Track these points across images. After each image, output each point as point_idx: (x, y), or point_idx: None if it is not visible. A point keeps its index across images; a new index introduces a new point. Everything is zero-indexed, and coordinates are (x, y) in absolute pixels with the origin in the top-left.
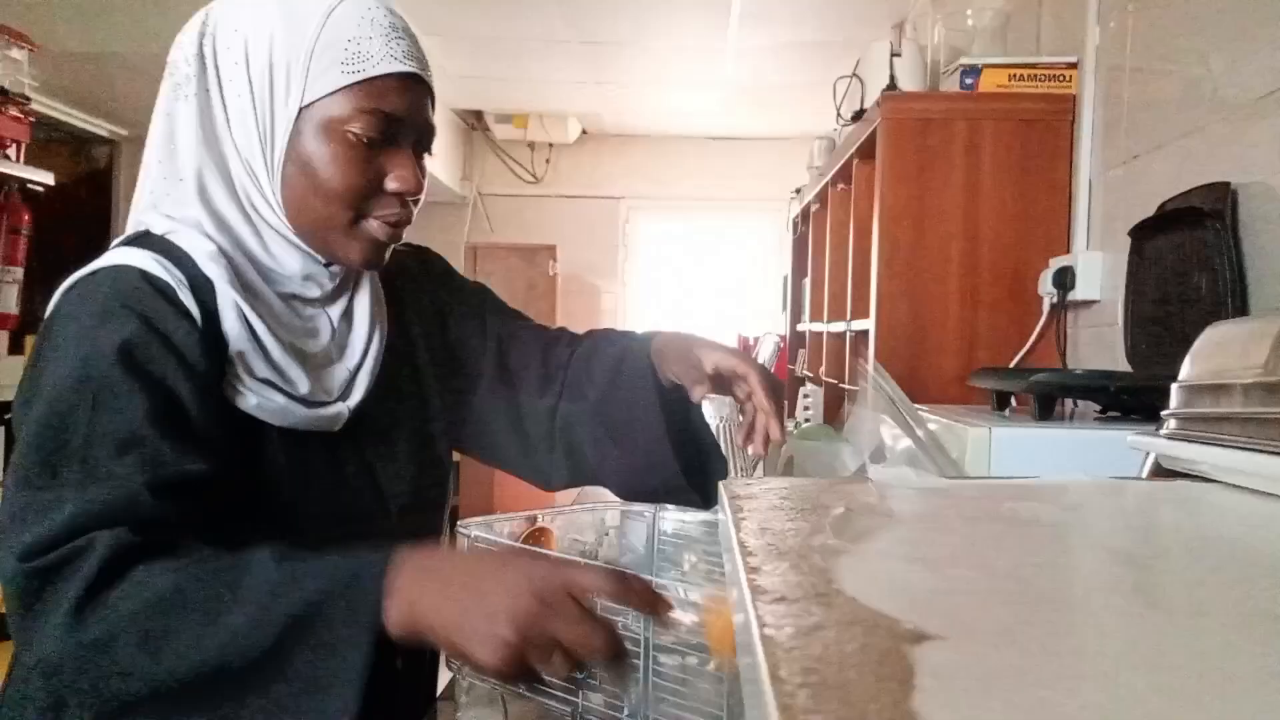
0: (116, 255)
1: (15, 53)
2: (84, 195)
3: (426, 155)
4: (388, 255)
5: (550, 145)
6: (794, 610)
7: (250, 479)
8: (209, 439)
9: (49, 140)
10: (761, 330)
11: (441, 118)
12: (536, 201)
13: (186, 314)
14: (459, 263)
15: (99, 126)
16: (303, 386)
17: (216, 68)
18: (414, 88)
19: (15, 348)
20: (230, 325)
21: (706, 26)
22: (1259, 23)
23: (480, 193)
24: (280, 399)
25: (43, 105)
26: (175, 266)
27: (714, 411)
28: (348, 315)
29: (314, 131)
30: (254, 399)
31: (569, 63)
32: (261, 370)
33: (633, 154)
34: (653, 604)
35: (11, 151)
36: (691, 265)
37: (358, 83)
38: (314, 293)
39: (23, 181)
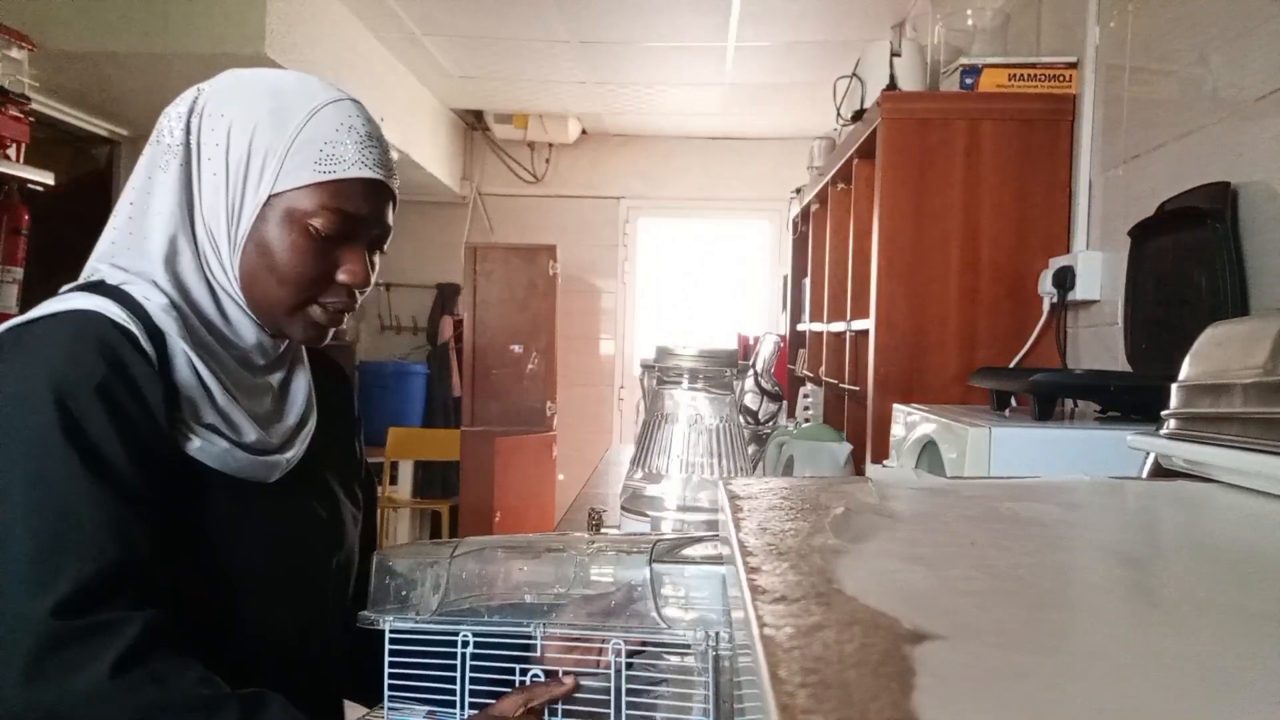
0: (75, 300)
1: (15, 53)
2: (84, 195)
3: (380, 252)
4: (329, 336)
5: (550, 145)
6: (794, 610)
7: (190, 524)
8: (161, 486)
9: (49, 140)
10: (761, 330)
11: (441, 118)
12: (536, 201)
13: (148, 361)
14: (459, 263)
15: (99, 126)
16: (249, 434)
17: (199, 145)
18: (378, 193)
19: None
20: (181, 372)
21: (706, 26)
22: (1258, 23)
23: (480, 193)
24: (223, 444)
25: (43, 105)
26: (133, 315)
27: (714, 412)
28: (287, 382)
29: (278, 219)
30: (198, 442)
31: (569, 63)
32: (208, 416)
33: (633, 154)
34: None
35: (11, 151)
36: (692, 265)
37: (326, 182)
38: (260, 360)
39: (23, 181)
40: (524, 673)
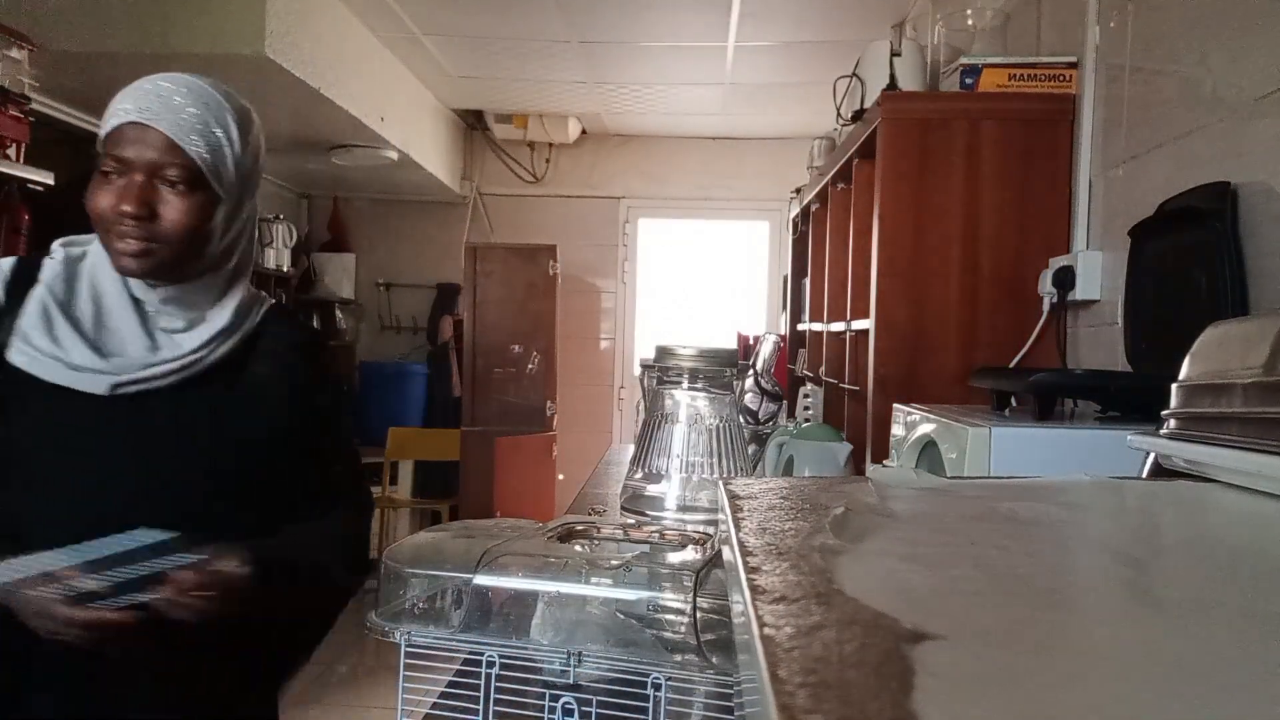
0: None
1: (15, 53)
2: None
3: (181, 185)
4: (147, 263)
5: (550, 145)
6: (794, 610)
7: (13, 428)
8: None
9: (49, 140)
10: (761, 330)
11: (441, 118)
12: (536, 201)
13: None
14: (459, 263)
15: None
16: (75, 356)
17: None
18: (143, 134)
19: None
20: (28, 307)
21: (706, 26)
22: (1258, 23)
23: (480, 193)
24: (46, 359)
25: (43, 105)
26: (14, 266)
27: (714, 412)
28: (177, 331)
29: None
30: (22, 358)
31: (569, 63)
32: (37, 340)
33: (633, 154)
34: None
35: (11, 151)
36: (692, 265)
37: (107, 133)
38: (151, 301)
39: (23, 181)
40: (554, 699)
